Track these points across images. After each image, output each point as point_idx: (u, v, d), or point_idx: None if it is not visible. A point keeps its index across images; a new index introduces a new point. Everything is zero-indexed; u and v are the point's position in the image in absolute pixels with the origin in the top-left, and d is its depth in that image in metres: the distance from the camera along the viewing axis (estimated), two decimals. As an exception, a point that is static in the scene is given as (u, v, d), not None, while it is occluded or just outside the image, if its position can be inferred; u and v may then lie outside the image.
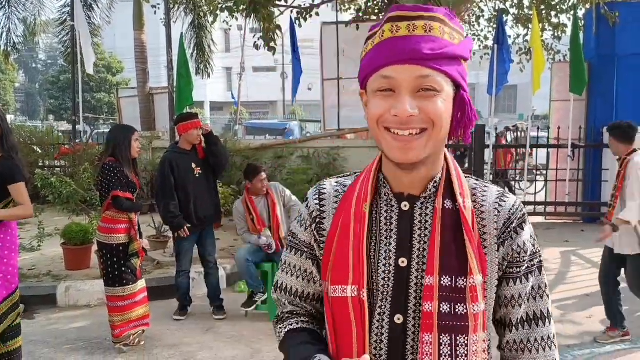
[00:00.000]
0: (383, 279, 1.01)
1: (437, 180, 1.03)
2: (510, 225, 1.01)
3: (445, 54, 0.94)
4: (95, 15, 13.36)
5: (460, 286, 0.97)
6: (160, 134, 10.92)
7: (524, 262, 1.02)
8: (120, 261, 4.02)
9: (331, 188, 1.12)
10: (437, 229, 0.99)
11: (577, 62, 8.51)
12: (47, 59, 49.33)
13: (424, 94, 0.94)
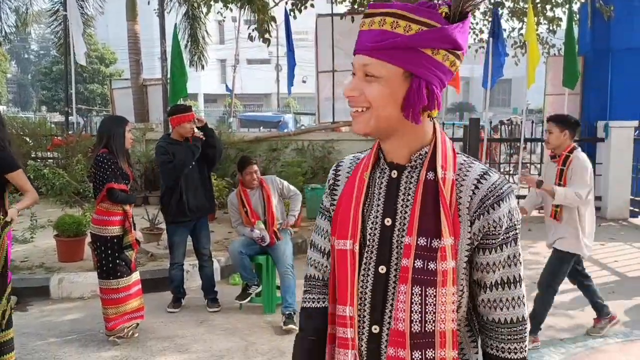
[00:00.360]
0: (370, 234, 1.20)
1: (423, 153, 1.18)
2: (486, 202, 1.14)
3: (390, 44, 1.08)
4: (88, 5, 13.25)
5: (434, 246, 1.12)
6: (154, 126, 10.87)
7: (499, 235, 1.15)
8: (115, 253, 3.99)
9: (348, 161, 1.33)
10: (419, 196, 1.15)
11: (570, 55, 8.53)
12: (40, 50, 48.90)
13: (368, 79, 1.12)
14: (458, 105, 39.29)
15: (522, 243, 4.55)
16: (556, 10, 9.91)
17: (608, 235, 7.67)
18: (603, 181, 8.87)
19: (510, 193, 1.16)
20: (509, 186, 1.17)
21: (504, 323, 1.20)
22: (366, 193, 1.22)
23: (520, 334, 1.21)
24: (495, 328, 1.21)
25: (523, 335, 1.21)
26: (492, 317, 1.21)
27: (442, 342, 1.14)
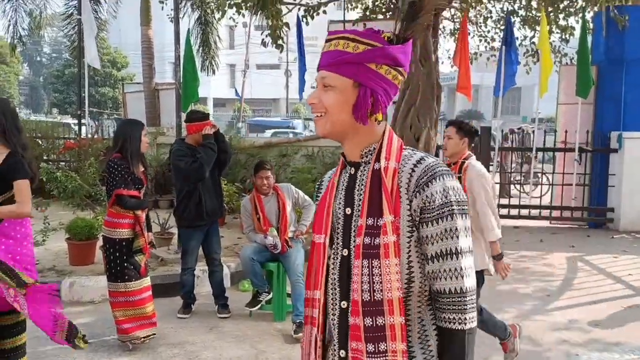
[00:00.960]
0: (337, 225, 1.42)
1: (372, 149, 1.40)
2: (420, 181, 1.32)
3: (342, 60, 1.33)
4: (102, 10, 13.33)
5: (378, 224, 1.32)
6: (165, 130, 10.89)
7: (434, 209, 1.30)
8: (123, 256, 3.99)
9: (328, 174, 1.57)
10: (368, 184, 1.37)
11: (584, 65, 8.46)
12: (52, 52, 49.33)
13: (325, 89, 1.36)
14: (467, 112, 39.16)
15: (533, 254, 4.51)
16: (569, 19, 9.85)
17: (621, 248, 7.58)
18: (616, 193, 8.78)
19: (445, 174, 1.32)
20: (443, 168, 1.33)
21: (444, 293, 1.31)
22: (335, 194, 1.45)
23: (459, 304, 1.30)
24: (438, 298, 1.32)
25: (463, 306, 1.30)
26: (435, 287, 1.33)
27: (390, 309, 1.30)
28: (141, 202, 4.10)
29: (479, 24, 11.60)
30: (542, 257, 7.01)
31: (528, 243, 7.85)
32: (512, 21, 9.23)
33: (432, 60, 8.24)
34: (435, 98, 8.35)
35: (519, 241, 7.97)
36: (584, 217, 9.21)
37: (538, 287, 5.79)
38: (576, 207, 9.02)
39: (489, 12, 11.24)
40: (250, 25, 26.56)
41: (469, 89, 9.25)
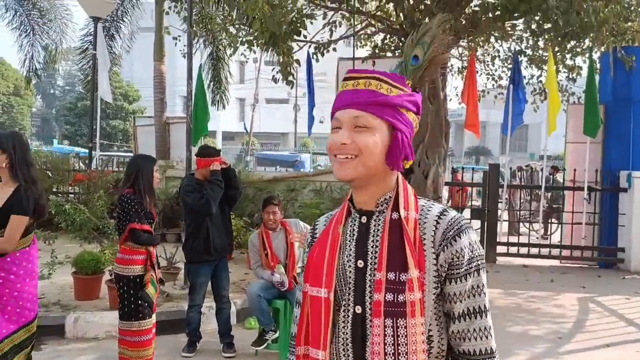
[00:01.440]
0: (346, 279, 1.30)
1: (388, 198, 1.32)
2: (448, 234, 1.26)
3: (378, 101, 1.27)
4: (116, 45, 13.64)
5: (402, 279, 1.22)
6: (175, 164, 10.98)
7: (462, 265, 1.25)
8: (137, 294, 3.94)
9: (323, 219, 1.47)
10: (386, 235, 1.27)
11: (591, 104, 8.50)
12: (65, 85, 50.29)
13: (358, 129, 1.27)
14: (474, 149, 39.26)
15: (544, 294, 4.45)
16: (576, 59, 9.94)
17: (632, 289, 7.44)
18: (626, 232, 8.68)
19: (469, 227, 1.28)
20: (467, 221, 1.30)
21: (473, 354, 1.26)
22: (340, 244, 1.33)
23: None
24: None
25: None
26: (462, 348, 1.27)
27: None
28: (153, 238, 4.08)
29: (486, 63, 11.74)
30: (553, 298, 6.89)
31: (538, 283, 7.73)
32: (519, 60, 9.33)
33: (440, 97, 8.31)
34: (444, 135, 8.39)
35: (529, 280, 7.86)
36: (594, 257, 9.08)
37: (550, 329, 5.67)
38: (586, 247, 8.91)
39: (497, 51, 11.39)
40: (260, 61, 27.05)
41: (477, 126, 9.29)
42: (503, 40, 10.52)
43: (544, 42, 9.52)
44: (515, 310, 6.29)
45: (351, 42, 10.30)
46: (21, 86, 27.53)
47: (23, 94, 33.05)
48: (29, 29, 13.35)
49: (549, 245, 9.20)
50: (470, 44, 10.42)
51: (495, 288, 7.26)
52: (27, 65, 13.49)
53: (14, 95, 33.76)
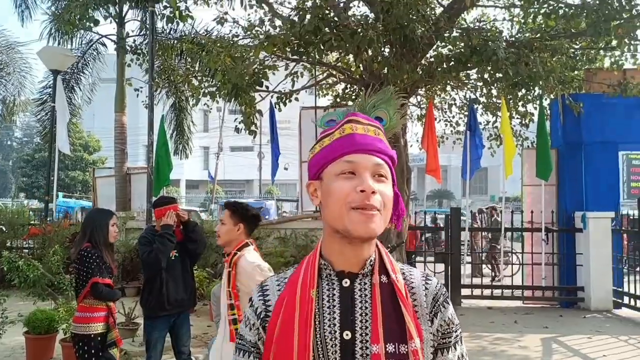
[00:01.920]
0: (333, 353, 1.08)
1: (372, 260, 1.17)
2: (438, 300, 1.17)
3: (388, 153, 1.17)
4: (76, 97, 13.54)
5: (402, 352, 1.08)
6: (135, 214, 10.77)
7: (452, 333, 1.17)
8: (98, 353, 3.78)
9: (273, 283, 1.22)
10: (378, 301, 1.11)
11: (543, 149, 8.87)
12: (23, 137, 49.23)
13: (378, 179, 1.13)
14: (437, 192, 40.02)
15: (508, 336, 4.49)
16: (528, 105, 10.42)
17: (594, 327, 7.57)
18: (585, 272, 8.90)
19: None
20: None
21: None
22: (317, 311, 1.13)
23: None
24: None
25: None
26: None
27: None
28: (115, 292, 3.97)
29: (444, 110, 12.17)
30: (517, 339, 6.93)
31: (503, 325, 7.78)
32: (474, 108, 9.72)
33: (401, 143, 8.53)
34: (406, 180, 8.57)
35: (493, 322, 7.91)
36: (555, 297, 9.25)
37: (515, 372, 5.67)
38: (547, 287, 9.08)
39: (453, 99, 11.85)
40: (224, 110, 27.23)
41: (438, 171, 9.52)
42: (458, 89, 10.97)
43: (496, 90, 9.98)
44: (481, 354, 6.29)
45: (313, 91, 10.56)
46: (-24, 138, 26.79)
47: (-22, 145, 32.16)
48: (-15, 81, 13.16)
49: (511, 286, 9.32)
50: (427, 92, 10.82)
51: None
52: (-17, 118, 13.21)
53: (-32, 147, 32.79)
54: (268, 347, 1.12)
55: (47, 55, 9.24)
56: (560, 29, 8.24)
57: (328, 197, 1.14)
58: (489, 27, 8.58)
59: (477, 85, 10.28)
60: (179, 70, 10.80)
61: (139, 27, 12.54)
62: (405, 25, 6.74)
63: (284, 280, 1.20)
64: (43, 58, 9.26)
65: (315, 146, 1.22)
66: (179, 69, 10.86)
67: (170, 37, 11.55)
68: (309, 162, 1.22)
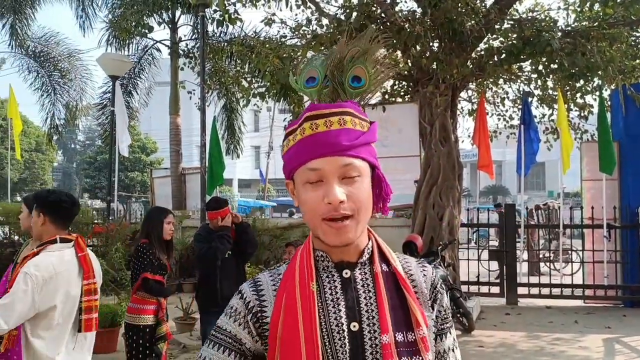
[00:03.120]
0: (341, 346, 1.05)
1: (370, 247, 1.14)
2: (436, 287, 1.15)
3: (360, 142, 1.07)
4: (133, 100, 14.10)
5: (410, 340, 1.06)
6: (191, 213, 11.10)
7: (448, 318, 1.16)
8: (146, 344, 3.96)
9: (266, 278, 1.15)
10: (382, 290, 1.09)
11: (605, 141, 8.50)
12: (86, 140, 51.62)
13: (348, 181, 1.06)
14: (491, 188, 39.02)
15: (568, 336, 4.34)
16: (586, 97, 10.00)
17: (661, 328, 7.20)
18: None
19: None
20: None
21: None
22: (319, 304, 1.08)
23: None
24: None
25: None
26: None
27: None
28: (165, 289, 4.13)
29: (496, 104, 11.85)
30: (578, 340, 6.69)
31: (562, 325, 7.53)
32: (529, 101, 9.42)
33: (451, 139, 8.40)
34: (457, 176, 8.43)
35: (552, 322, 7.66)
36: (618, 296, 8.85)
37: (575, 373, 5.49)
38: (609, 286, 8.70)
39: (506, 92, 11.52)
40: (274, 109, 27.61)
41: (491, 167, 9.31)
42: (511, 82, 10.66)
43: (552, 82, 9.64)
44: (540, 354, 6.11)
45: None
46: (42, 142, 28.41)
47: (45, 149, 33.99)
48: (50, 89, 13.90)
49: (571, 285, 8.99)
50: (478, 86, 10.58)
51: (518, 331, 7.09)
52: (49, 123, 13.97)
53: (35, 151, 34.72)
54: (272, 347, 1.07)
55: (106, 61, 9.66)
56: (619, 16, 7.86)
57: (301, 204, 1.10)
58: (542, 17, 8.27)
59: (531, 78, 9.95)
60: (229, 72, 11.05)
61: (190, 32, 12.93)
62: (453, 19, 6.63)
63: (279, 277, 1.14)
64: (102, 64, 9.69)
65: (283, 143, 1.15)
66: (229, 71, 11.10)
67: (221, 40, 11.84)
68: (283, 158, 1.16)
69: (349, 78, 1.13)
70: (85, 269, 2.69)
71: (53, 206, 2.67)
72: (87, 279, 2.70)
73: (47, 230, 2.66)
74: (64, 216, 2.70)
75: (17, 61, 14.10)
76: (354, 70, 1.13)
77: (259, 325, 1.11)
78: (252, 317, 1.11)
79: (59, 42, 14.32)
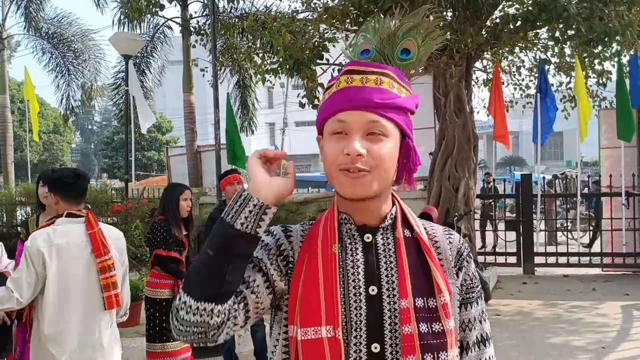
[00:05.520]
0: (355, 308, 1.05)
1: (394, 212, 1.14)
2: (462, 255, 1.14)
3: (393, 104, 1.07)
4: (147, 80, 14.14)
5: (431, 306, 1.05)
6: (207, 190, 11.21)
7: (475, 287, 1.15)
8: (163, 317, 4.05)
9: (297, 230, 1.17)
10: (403, 255, 1.08)
11: (623, 108, 8.35)
12: (102, 120, 52.06)
13: (372, 137, 1.05)
14: (508, 159, 38.66)
15: (586, 304, 4.37)
16: (605, 63, 9.78)
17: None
18: (669, 236, 8.40)
19: None
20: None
21: None
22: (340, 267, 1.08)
23: None
24: None
25: None
26: None
27: None
28: (177, 271, 4.07)
29: (512, 73, 11.65)
30: (595, 307, 6.71)
31: (580, 292, 7.54)
32: (545, 69, 9.26)
33: (466, 110, 8.32)
34: (472, 148, 8.37)
35: (570, 290, 7.67)
36: (638, 263, 8.80)
37: (593, 339, 5.52)
38: (628, 253, 8.66)
39: (522, 61, 11.31)
40: (287, 85, 27.49)
41: (507, 137, 9.22)
42: (527, 50, 10.46)
43: (570, 49, 9.43)
44: (557, 321, 6.15)
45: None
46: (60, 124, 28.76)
47: (62, 131, 34.40)
48: (64, 70, 14.00)
49: (589, 253, 8.97)
50: (493, 56, 10.40)
51: (535, 299, 7.12)
52: (65, 104, 14.11)
53: (53, 132, 35.15)
54: (293, 304, 1.06)
55: (118, 41, 9.67)
56: (639, -22, 7.62)
57: (323, 156, 1.12)
58: (559, -18, 8.06)
59: (548, 45, 9.75)
60: (241, 48, 11.00)
61: (201, 8, 12.85)
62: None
63: (303, 233, 1.15)
64: (114, 44, 9.70)
65: (322, 98, 1.16)
66: (241, 47, 11.05)
67: (232, 16, 11.76)
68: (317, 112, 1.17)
69: (398, 50, 1.14)
70: (95, 246, 2.72)
71: (57, 183, 2.74)
72: (98, 256, 2.72)
73: (60, 207, 2.74)
74: (70, 192, 2.74)
75: (31, 43, 14.21)
76: (403, 43, 1.14)
77: (287, 269, 1.11)
78: (283, 259, 1.12)
79: (71, 23, 14.38)
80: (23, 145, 25.52)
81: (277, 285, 1.10)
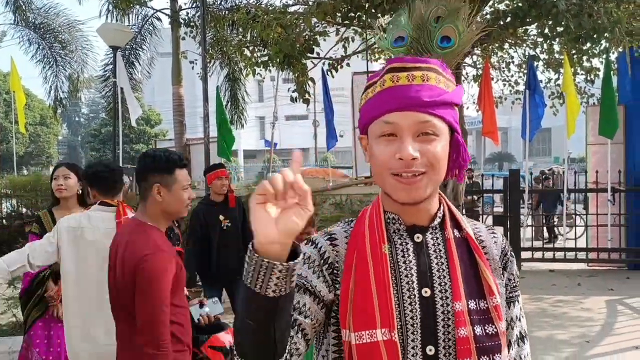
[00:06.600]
0: (411, 311, 1.03)
1: (442, 212, 1.11)
2: (507, 253, 1.14)
3: (442, 100, 1.02)
4: (136, 72, 14.00)
5: (483, 308, 1.04)
6: (196, 184, 11.16)
7: (517, 286, 1.15)
8: None
9: (340, 231, 1.13)
10: (455, 256, 1.06)
11: (608, 105, 8.43)
12: (90, 113, 51.58)
13: (424, 138, 1.02)
14: (497, 155, 38.91)
15: (571, 298, 4.41)
16: (593, 60, 9.87)
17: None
18: (654, 233, 8.52)
19: None
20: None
21: None
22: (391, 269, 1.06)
23: None
24: None
25: None
26: None
27: None
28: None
29: (501, 69, 11.72)
30: (580, 302, 6.80)
31: (565, 287, 7.63)
32: (534, 65, 9.31)
33: (455, 106, 8.35)
34: (461, 143, 8.41)
35: (555, 285, 7.76)
36: (622, 259, 8.93)
37: (577, 332, 5.60)
38: (613, 249, 8.77)
39: (511, 57, 11.37)
40: (277, 79, 27.40)
41: (495, 132, 9.26)
42: (517, 46, 10.52)
43: (559, 45, 9.49)
44: (542, 315, 6.22)
45: (365, 56, 10.43)
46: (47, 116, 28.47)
47: (49, 123, 34.03)
48: (52, 60, 13.82)
49: (574, 248, 9.06)
50: (483, 51, 10.45)
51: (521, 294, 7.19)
52: (52, 96, 13.95)
53: (40, 124, 34.76)
54: (344, 308, 1.03)
55: (106, 32, 9.56)
56: (627, -25, 7.69)
57: (371, 159, 1.08)
58: (548, -22, 8.10)
59: (537, 42, 9.81)
60: (231, 41, 10.93)
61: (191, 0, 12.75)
62: (458, -18, 6.50)
63: (350, 231, 1.12)
64: (102, 35, 9.59)
65: (362, 95, 1.12)
66: (231, 40, 10.99)
67: (222, 8, 11.68)
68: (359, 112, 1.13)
69: (437, 38, 1.11)
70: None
71: (93, 178, 2.90)
72: None
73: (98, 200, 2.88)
74: (106, 185, 2.87)
75: (17, 33, 13.99)
76: (443, 30, 1.10)
77: (333, 276, 1.08)
78: (328, 267, 1.08)
79: (58, 13, 14.17)
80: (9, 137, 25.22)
81: (326, 298, 1.07)
